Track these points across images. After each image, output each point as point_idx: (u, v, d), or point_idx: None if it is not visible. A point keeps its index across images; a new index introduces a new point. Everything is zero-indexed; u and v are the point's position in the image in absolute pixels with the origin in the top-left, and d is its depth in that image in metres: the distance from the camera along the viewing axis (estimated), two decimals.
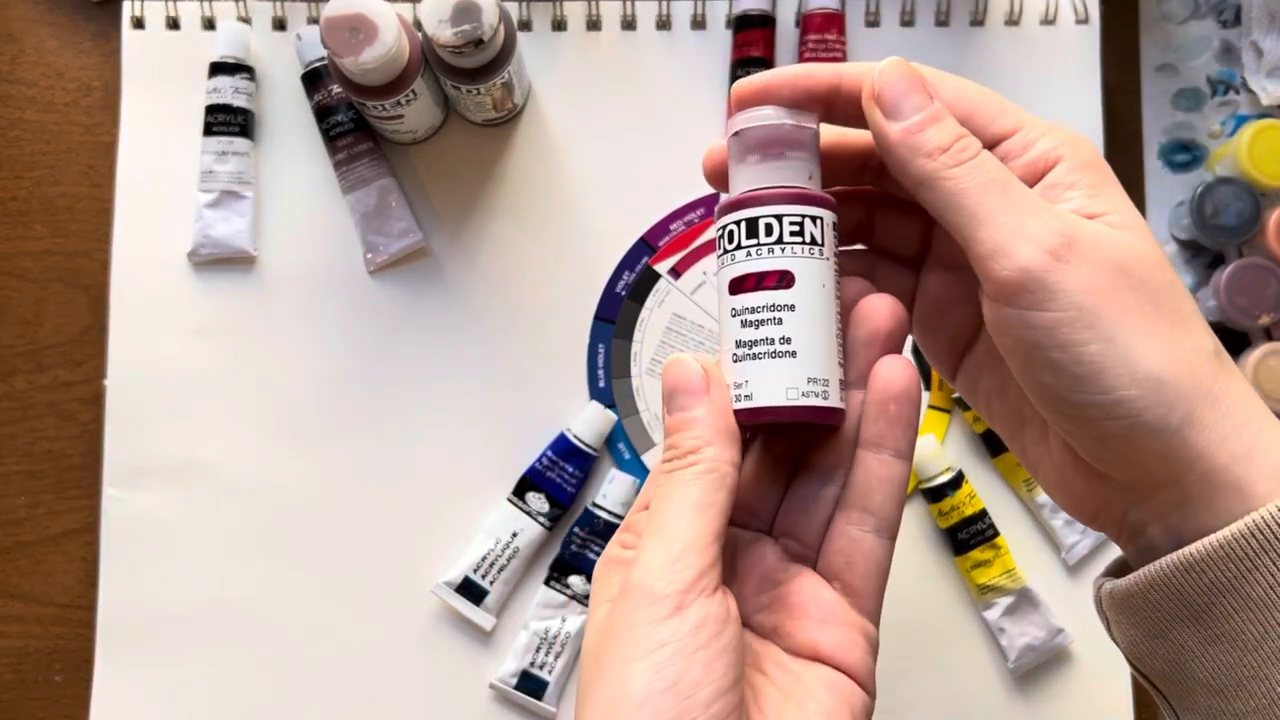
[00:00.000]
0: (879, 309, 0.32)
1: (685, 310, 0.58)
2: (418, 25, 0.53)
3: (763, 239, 0.31)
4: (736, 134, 0.32)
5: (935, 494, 0.55)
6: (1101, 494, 0.30)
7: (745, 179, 0.32)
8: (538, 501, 0.55)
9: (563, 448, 0.55)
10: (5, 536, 0.56)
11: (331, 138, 0.57)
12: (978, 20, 0.59)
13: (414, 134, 0.56)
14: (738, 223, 0.31)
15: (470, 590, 0.55)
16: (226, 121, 0.56)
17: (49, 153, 0.58)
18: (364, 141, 0.57)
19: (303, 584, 0.55)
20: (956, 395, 0.56)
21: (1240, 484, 0.27)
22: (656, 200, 0.58)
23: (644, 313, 0.58)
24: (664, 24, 0.59)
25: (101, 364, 0.57)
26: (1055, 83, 0.59)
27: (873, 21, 0.59)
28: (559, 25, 0.59)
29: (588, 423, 0.55)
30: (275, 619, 0.55)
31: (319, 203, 0.58)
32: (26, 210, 0.58)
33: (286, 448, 0.56)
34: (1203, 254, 0.59)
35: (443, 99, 0.56)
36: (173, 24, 0.58)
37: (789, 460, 0.33)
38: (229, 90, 0.56)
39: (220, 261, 0.57)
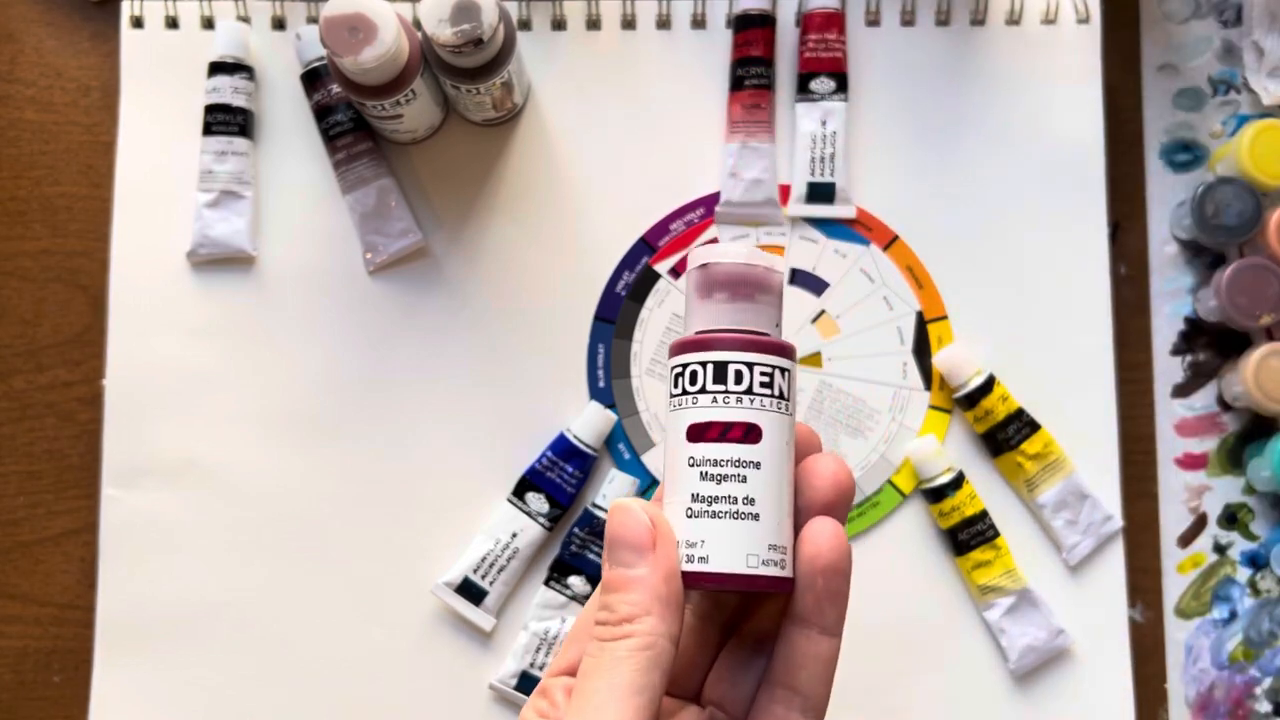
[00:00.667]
0: (822, 472, 0.29)
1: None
2: (417, 24, 0.53)
3: (731, 386, 0.29)
4: (703, 267, 0.30)
5: (936, 494, 0.55)
6: None
7: (708, 317, 0.30)
8: (537, 502, 0.55)
9: (562, 448, 0.55)
10: (4, 537, 0.56)
11: (331, 137, 0.57)
12: (978, 19, 0.59)
13: (413, 134, 0.56)
14: (703, 364, 0.29)
15: (470, 591, 0.55)
16: (226, 121, 0.56)
17: (48, 152, 0.58)
18: (363, 141, 0.57)
19: (302, 584, 0.55)
20: (957, 395, 0.56)
21: None
22: (656, 200, 0.58)
23: (644, 313, 0.57)
24: (664, 23, 0.59)
25: (100, 364, 0.56)
26: (1056, 82, 0.58)
27: (873, 21, 0.59)
28: (559, 24, 0.59)
29: (587, 423, 0.55)
30: (274, 619, 0.55)
31: (318, 202, 0.58)
32: (25, 210, 0.58)
33: (286, 447, 0.56)
34: (1203, 254, 0.59)
35: (442, 98, 0.56)
36: (172, 23, 0.58)
37: (718, 623, 0.32)
38: (228, 90, 0.56)
39: (219, 261, 0.57)
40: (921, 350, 0.57)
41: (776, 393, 0.29)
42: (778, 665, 0.29)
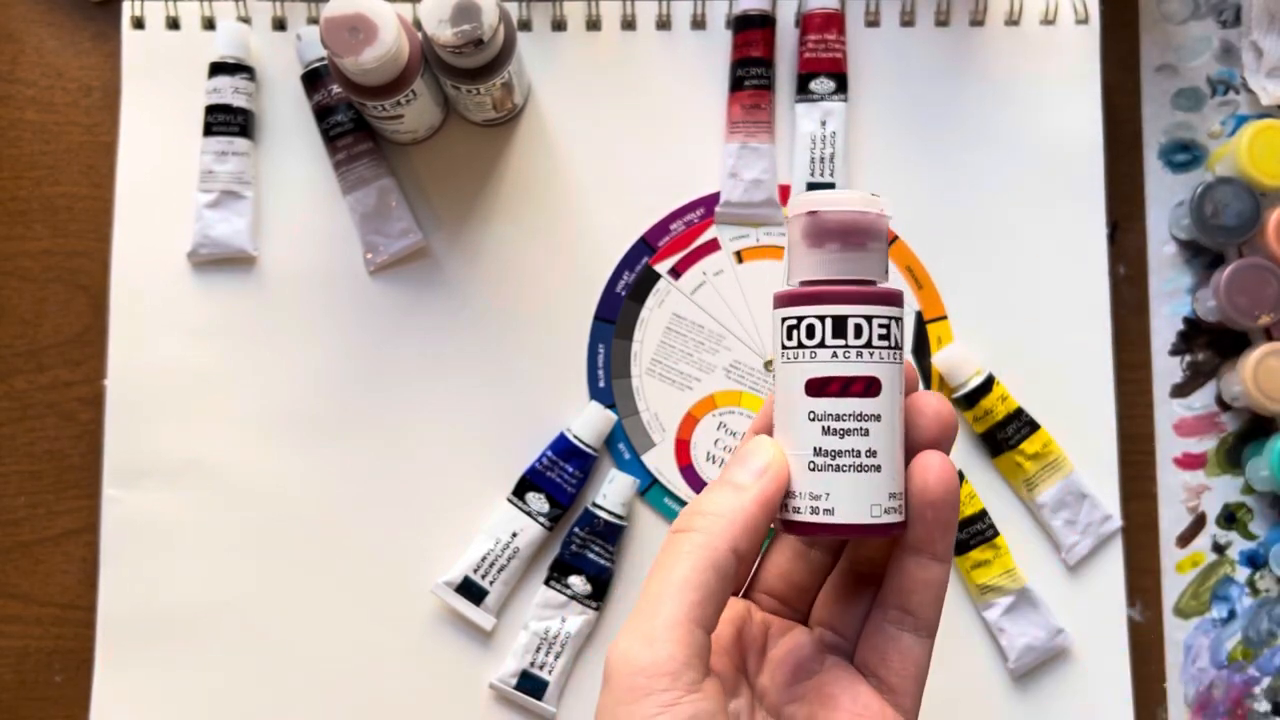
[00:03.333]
0: (926, 411, 0.30)
1: (685, 310, 0.58)
2: (417, 25, 0.53)
3: (851, 340, 0.29)
4: (812, 214, 0.30)
5: None
6: None
7: (821, 267, 0.30)
8: (537, 501, 0.55)
9: (563, 448, 0.55)
10: (5, 536, 0.56)
11: (331, 138, 0.57)
12: (978, 20, 0.59)
13: (414, 134, 0.57)
14: (821, 318, 0.29)
15: (470, 590, 0.55)
16: (226, 121, 0.56)
17: (49, 153, 0.58)
18: (364, 141, 0.57)
19: (303, 584, 0.56)
20: (956, 395, 0.56)
21: None
22: (656, 200, 0.58)
23: (644, 313, 0.58)
24: (664, 24, 0.59)
25: (101, 364, 0.57)
26: (1055, 83, 0.59)
27: (873, 21, 0.59)
28: (559, 25, 0.59)
29: (587, 423, 0.55)
30: (275, 619, 0.55)
31: (319, 203, 0.58)
32: (26, 210, 0.58)
33: (287, 447, 0.56)
34: (1202, 254, 0.59)
35: (443, 99, 0.56)
36: (173, 24, 0.58)
37: (828, 548, 0.33)
38: (229, 90, 0.56)
39: (220, 261, 0.57)
40: (921, 350, 0.57)
41: (893, 343, 0.29)
42: (891, 589, 0.30)
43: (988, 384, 0.56)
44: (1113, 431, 0.57)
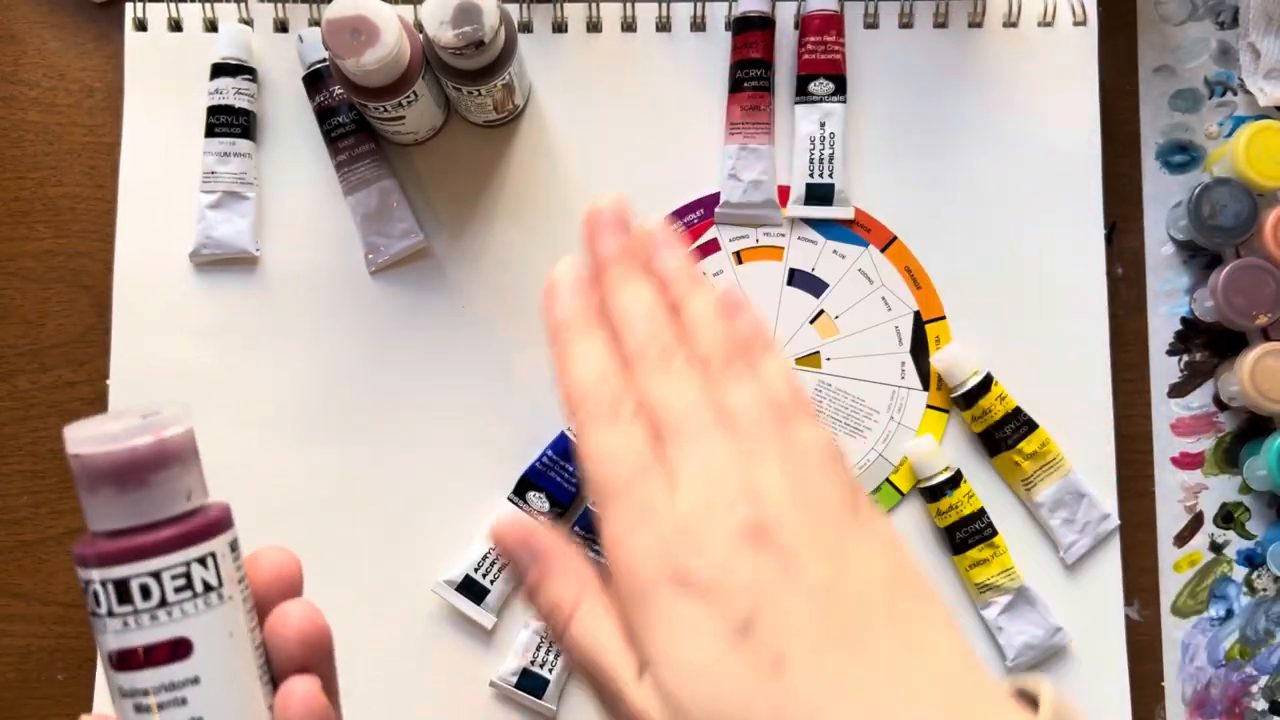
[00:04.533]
0: (288, 626, 0.27)
1: None
2: (419, 27, 0.53)
3: (140, 605, 0.25)
4: (74, 456, 0.25)
5: (933, 493, 0.56)
6: None
7: (99, 514, 0.25)
8: (538, 501, 0.55)
9: (563, 447, 0.56)
10: (8, 536, 0.57)
11: (333, 139, 0.57)
12: (976, 22, 0.59)
13: (415, 135, 0.57)
14: (104, 584, 0.25)
15: (471, 589, 0.55)
16: (228, 122, 0.57)
17: (51, 153, 0.59)
18: (365, 142, 0.57)
19: (304, 583, 0.56)
20: (954, 394, 0.57)
21: None
22: (656, 201, 0.58)
23: None
24: (664, 26, 0.59)
25: (104, 364, 0.57)
26: (1053, 84, 0.59)
27: (871, 23, 0.59)
28: (559, 27, 0.59)
29: None
30: None
31: (320, 203, 0.58)
32: (29, 211, 0.58)
33: (288, 447, 0.56)
34: (1200, 254, 0.59)
35: (444, 100, 0.57)
36: (175, 26, 0.58)
37: None
38: (231, 91, 0.57)
39: (222, 262, 0.57)
40: (919, 350, 0.58)
41: (201, 588, 0.25)
42: None
43: (986, 383, 0.56)
44: (1110, 431, 0.57)
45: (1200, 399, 0.59)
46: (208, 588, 0.25)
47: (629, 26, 0.59)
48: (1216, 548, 0.58)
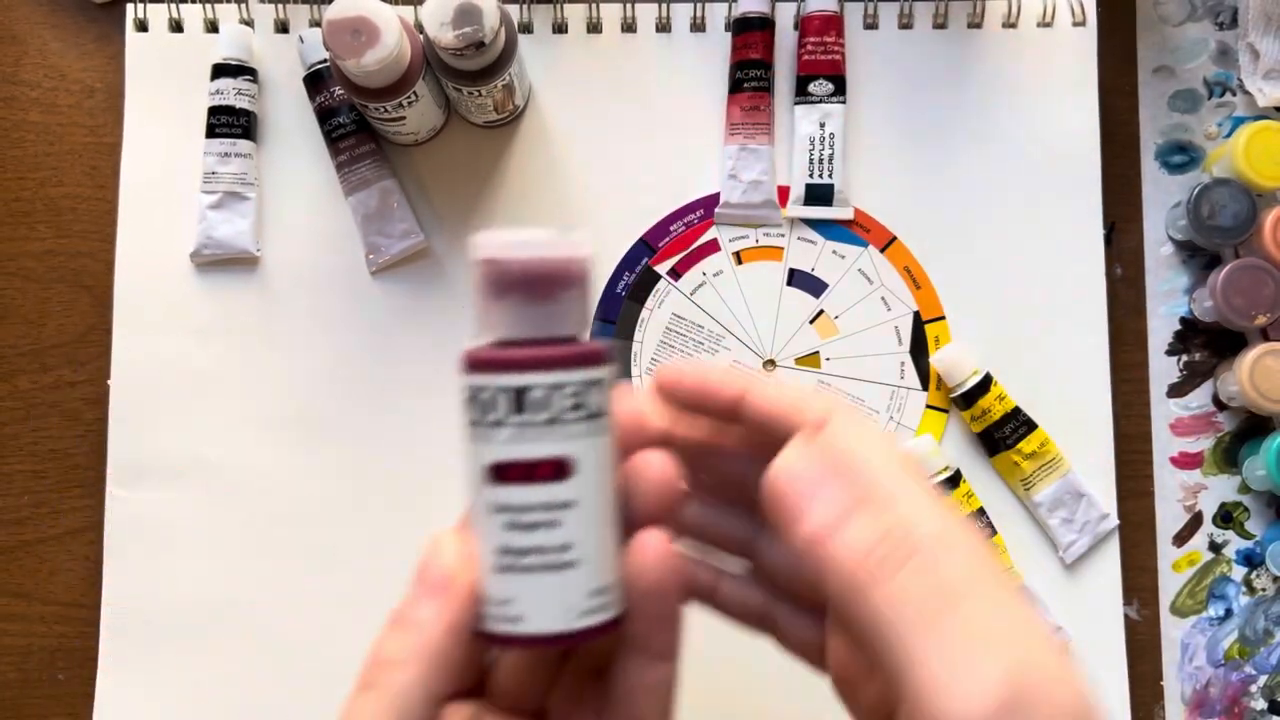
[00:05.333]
0: (648, 477, 0.26)
1: (685, 311, 0.58)
2: (419, 27, 0.53)
3: (533, 416, 0.24)
4: (488, 261, 0.25)
5: None
6: None
7: (502, 323, 0.25)
8: None
9: None
10: (9, 536, 0.57)
11: (333, 139, 0.57)
12: (975, 23, 0.59)
13: (415, 135, 0.57)
14: (500, 391, 0.24)
15: None
16: (229, 123, 0.57)
17: (52, 154, 0.59)
18: (366, 143, 0.57)
19: (306, 582, 0.56)
20: (954, 395, 0.57)
21: None
22: (656, 201, 0.58)
23: (644, 313, 0.58)
24: (664, 27, 0.59)
25: (105, 364, 0.57)
26: (1052, 85, 0.59)
27: (871, 24, 0.59)
28: (560, 28, 0.59)
29: None
30: (278, 617, 0.56)
31: (321, 204, 0.58)
32: (30, 211, 0.58)
33: (289, 447, 0.56)
34: (1199, 255, 0.60)
35: (444, 101, 0.57)
36: (176, 26, 0.59)
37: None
38: (231, 92, 0.57)
39: (223, 262, 0.57)
40: (919, 350, 0.58)
41: (588, 412, 0.24)
42: (614, 694, 0.26)
43: (985, 383, 0.56)
44: (1110, 431, 0.57)
45: (1199, 399, 0.59)
46: (597, 413, 0.24)
47: (629, 27, 0.59)
48: (1215, 547, 0.58)
